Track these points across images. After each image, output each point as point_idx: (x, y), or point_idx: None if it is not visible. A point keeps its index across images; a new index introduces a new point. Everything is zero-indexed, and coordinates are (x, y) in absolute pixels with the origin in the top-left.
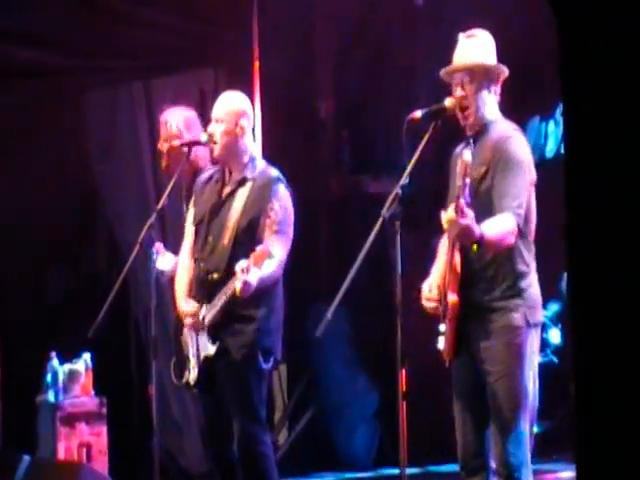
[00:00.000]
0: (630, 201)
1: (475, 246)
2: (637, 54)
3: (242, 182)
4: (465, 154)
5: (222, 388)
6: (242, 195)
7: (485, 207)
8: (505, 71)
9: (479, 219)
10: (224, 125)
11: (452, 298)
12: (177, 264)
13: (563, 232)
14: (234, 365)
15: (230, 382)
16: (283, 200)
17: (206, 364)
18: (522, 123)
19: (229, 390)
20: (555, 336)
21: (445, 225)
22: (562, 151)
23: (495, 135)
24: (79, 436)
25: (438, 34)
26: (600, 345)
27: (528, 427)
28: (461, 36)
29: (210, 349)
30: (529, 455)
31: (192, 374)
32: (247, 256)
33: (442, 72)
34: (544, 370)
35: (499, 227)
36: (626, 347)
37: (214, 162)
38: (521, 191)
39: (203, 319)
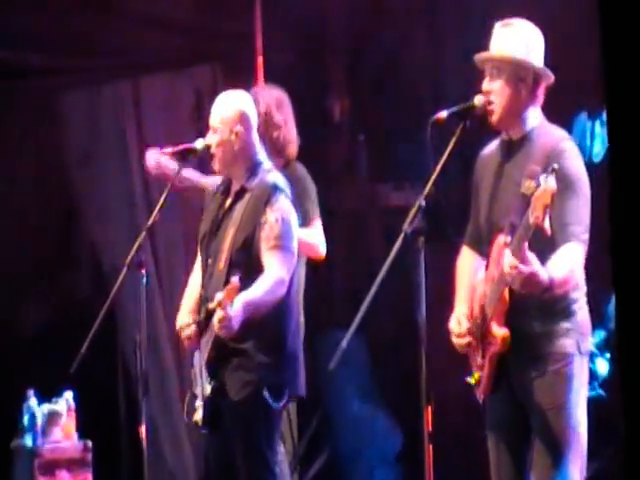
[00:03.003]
0: None
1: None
2: None
3: (241, 193)
4: (550, 181)
5: (226, 430)
6: (239, 210)
7: (539, 233)
8: (546, 74)
9: (536, 246)
10: (218, 135)
11: (501, 332)
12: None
13: (609, 248)
14: (236, 407)
15: (233, 424)
16: (281, 211)
17: (210, 404)
18: (567, 120)
19: (233, 433)
20: (602, 367)
21: (506, 270)
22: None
23: (544, 145)
24: None
25: (468, 26)
26: None
27: (578, 474)
28: (497, 25)
29: (207, 388)
30: None
31: (198, 413)
32: (245, 281)
33: (476, 59)
34: (591, 405)
35: (568, 263)
36: None
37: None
38: (585, 214)
39: (203, 352)
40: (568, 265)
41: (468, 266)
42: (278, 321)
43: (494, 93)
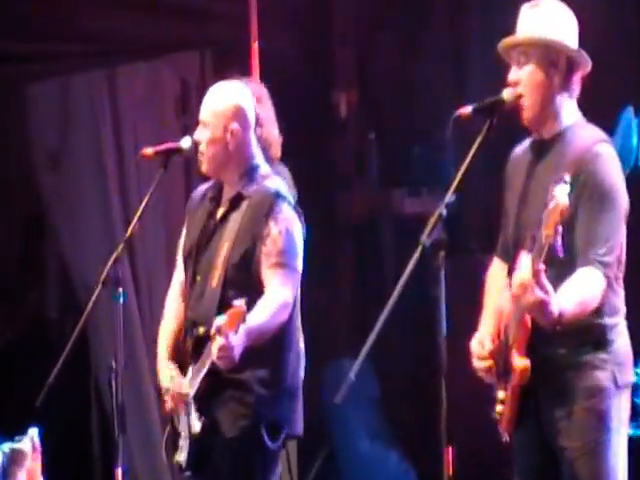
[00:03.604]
0: None
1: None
2: None
3: (237, 201)
4: (559, 192)
5: (219, 470)
6: (235, 219)
7: (565, 247)
8: (583, 59)
9: (556, 264)
10: (210, 131)
11: (521, 362)
12: None
13: None
14: (229, 445)
15: (225, 466)
16: (285, 222)
17: (196, 443)
18: (610, 116)
19: (224, 476)
20: None
21: (515, 288)
22: None
23: (576, 147)
24: None
25: (494, 8)
26: None
27: None
28: (524, 7)
29: (196, 425)
30: None
31: (182, 453)
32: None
33: (499, 48)
34: (635, 444)
35: (582, 293)
36: None
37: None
38: (614, 232)
39: (188, 386)
40: (580, 295)
41: (497, 280)
42: (277, 349)
43: (522, 83)
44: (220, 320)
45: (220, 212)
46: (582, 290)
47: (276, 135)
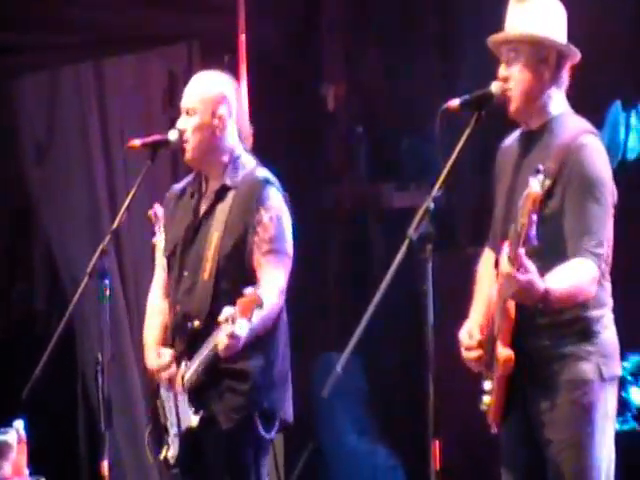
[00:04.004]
0: None
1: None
2: None
3: (222, 192)
4: (533, 184)
5: (210, 467)
6: (222, 211)
7: (551, 239)
8: (571, 51)
9: (542, 256)
10: (197, 117)
11: (504, 352)
12: None
13: None
14: (224, 437)
15: (220, 459)
16: (275, 209)
17: (189, 437)
18: (598, 110)
19: (219, 470)
20: (637, 396)
21: (499, 278)
22: None
23: (562, 137)
24: None
25: (483, 2)
26: None
27: None
28: (512, 1)
29: (192, 419)
30: None
31: (172, 449)
32: (235, 292)
33: (489, 43)
34: (623, 439)
35: (573, 280)
36: None
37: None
38: (603, 223)
39: (182, 379)
40: (570, 280)
41: (488, 271)
42: (269, 336)
43: (512, 79)
44: (229, 310)
45: (204, 206)
46: (573, 275)
47: (248, 127)
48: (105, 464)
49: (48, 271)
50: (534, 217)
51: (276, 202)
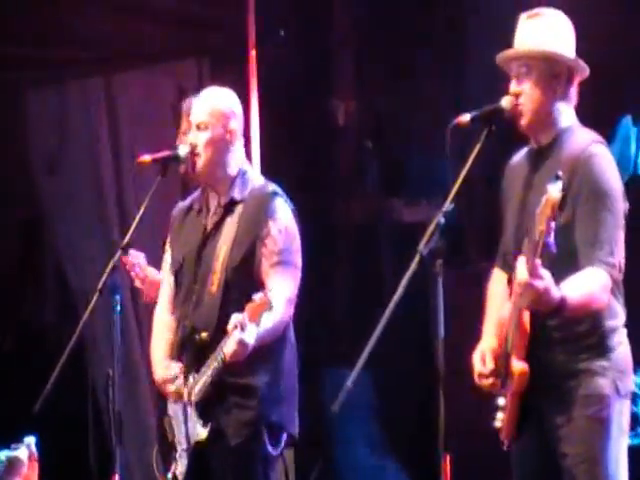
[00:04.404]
0: None
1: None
2: None
3: (230, 207)
4: (552, 190)
5: None
6: (231, 224)
7: (563, 251)
8: (580, 67)
9: (555, 268)
10: (209, 131)
11: (519, 367)
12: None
13: None
14: (232, 452)
15: (228, 476)
16: (283, 221)
17: (197, 453)
18: (608, 124)
19: None
20: None
21: (516, 288)
22: None
23: (571, 149)
24: None
25: (496, 9)
26: None
27: None
28: (522, 16)
29: (201, 433)
30: None
31: (180, 465)
32: (243, 305)
33: (498, 59)
34: (634, 453)
35: (586, 288)
36: None
37: (195, 181)
38: (614, 233)
39: (190, 393)
40: (584, 289)
41: (498, 291)
42: (276, 349)
43: (524, 95)
44: (237, 317)
45: (212, 221)
46: (587, 283)
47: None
48: (116, 479)
49: (59, 285)
50: (552, 224)
51: (284, 214)
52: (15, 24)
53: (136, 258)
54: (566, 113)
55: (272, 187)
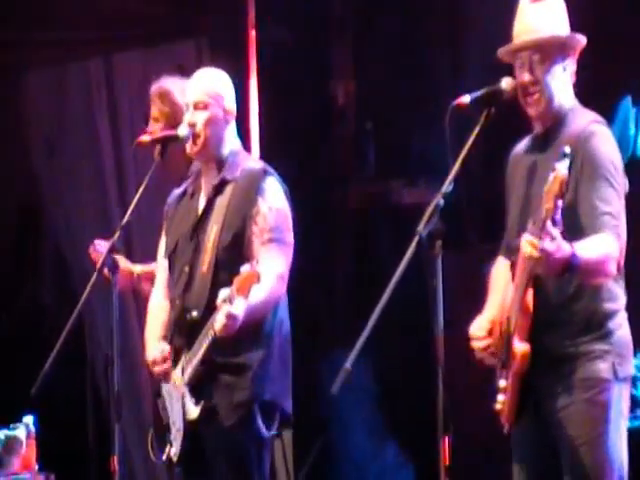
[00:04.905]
0: None
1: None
2: None
3: (221, 186)
4: (560, 167)
5: (212, 465)
6: (221, 204)
7: (569, 228)
8: (582, 41)
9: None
10: (208, 111)
11: (521, 347)
12: (139, 276)
13: None
14: (225, 433)
15: (222, 456)
16: (274, 199)
17: (190, 433)
18: (608, 105)
19: (221, 467)
20: None
21: (525, 253)
22: None
23: (573, 129)
24: None
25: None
26: None
27: None
28: (523, 1)
29: (193, 411)
30: None
31: (174, 446)
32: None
33: (501, 52)
34: (634, 436)
35: (600, 249)
36: None
37: (190, 161)
38: (618, 207)
39: (182, 371)
40: (597, 249)
41: (502, 276)
42: (272, 329)
43: (542, 82)
44: (225, 292)
45: (203, 201)
46: (599, 244)
47: None
48: (115, 459)
49: (57, 268)
50: (559, 202)
51: (275, 193)
52: (14, 6)
53: (102, 247)
54: (568, 93)
55: (263, 166)
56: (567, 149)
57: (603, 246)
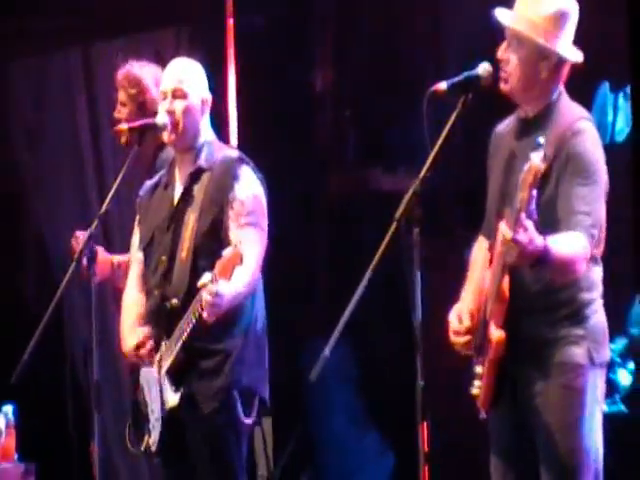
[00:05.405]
0: None
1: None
2: None
3: (197, 175)
4: (534, 158)
5: (191, 453)
6: (198, 192)
7: (546, 222)
8: (569, 58)
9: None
10: (186, 100)
11: (497, 334)
12: (118, 266)
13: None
14: (205, 420)
15: (202, 442)
16: (249, 185)
17: (170, 421)
18: (586, 91)
19: (200, 455)
20: (624, 378)
21: (500, 246)
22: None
23: (558, 125)
24: None
25: None
26: None
27: None
28: None
29: (173, 399)
30: None
31: (153, 435)
32: (212, 269)
33: (496, 14)
34: (611, 422)
35: (569, 247)
36: None
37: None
38: (596, 207)
39: (161, 358)
40: (568, 247)
41: (481, 257)
42: (248, 316)
43: (510, 65)
44: (207, 275)
45: (178, 191)
46: (570, 243)
47: None
48: (95, 448)
49: (38, 256)
50: (534, 192)
51: (251, 180)
52: None
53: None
54: (554, 87)
55: (238, 154)
56: (541, 139)
57: (575, 245)
